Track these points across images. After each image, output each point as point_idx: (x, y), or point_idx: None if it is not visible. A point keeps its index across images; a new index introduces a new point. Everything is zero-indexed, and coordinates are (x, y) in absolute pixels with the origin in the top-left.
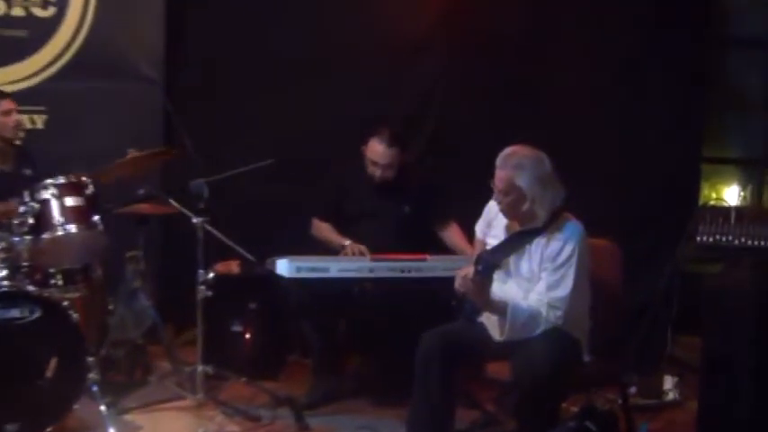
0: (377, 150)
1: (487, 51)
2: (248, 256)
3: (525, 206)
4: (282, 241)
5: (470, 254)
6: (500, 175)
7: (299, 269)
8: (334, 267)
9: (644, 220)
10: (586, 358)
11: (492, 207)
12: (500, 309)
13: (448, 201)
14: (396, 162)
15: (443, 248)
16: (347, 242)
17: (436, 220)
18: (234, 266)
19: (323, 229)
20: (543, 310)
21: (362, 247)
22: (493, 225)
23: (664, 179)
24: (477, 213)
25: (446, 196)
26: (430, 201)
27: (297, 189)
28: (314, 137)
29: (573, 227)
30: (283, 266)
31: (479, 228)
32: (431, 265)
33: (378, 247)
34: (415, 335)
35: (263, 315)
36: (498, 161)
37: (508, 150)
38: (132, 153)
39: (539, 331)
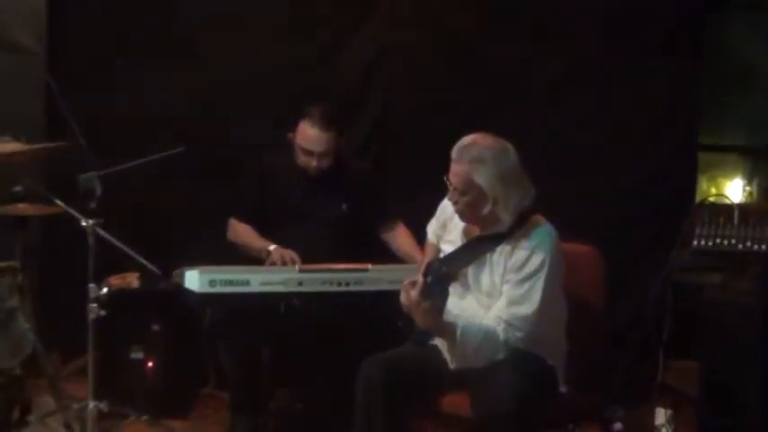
0: (309, 136)
1: (444, 20)
2: (150, 266)
3: (486, 208)
4: (193, 248)
5: (422, 261)
6: (456, 170)
7: (212, 282)
8: (255, 280)
9: (630, 222)
10: (562, 389)
11: (447, 206)
12: (449, 332)
13: (393, 196)
14: (332, 149)
15: (389, 255)
16: (272, 246)
17: (379, 219)
18: (132, 280)
19: (242, 232)
20: (500, 332)
21: (292, 253)
22: (448, 228)
23: (652, 172)
24: (430, 213)
25: (391, 191)
26: (371, 197)
27: (211, 184)
28: (232, 120)
29: (543, 232)
30: (193, 279)
31: (432, 229)
32: (374, 277)
33: (310, 255)
34: (355, 362)
35: (169, 339)
36: (454, 153)
37: (466, 140)
38: (5, 141)
39: (499, 357)
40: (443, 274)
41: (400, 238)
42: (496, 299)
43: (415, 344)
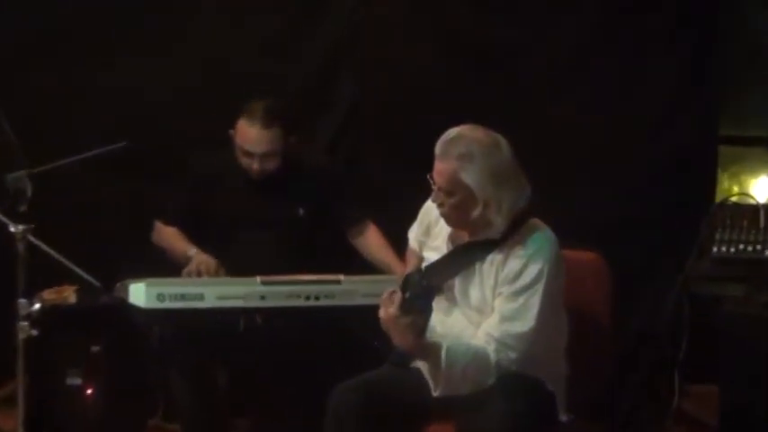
0: (248, 135)
1: None
2: (90, 278)
3: (475, 211)
4: (139, 258)
5: (400, 269)
6: (440, 168)
7: (160, 297)
8: (210, 294)
9: (639, 225)
10: (563, 418)
11: (431, 209)
12: (433, 353)
13: (368, 198)
14: (277, 149)
15: (364, 265)
16: (192, 251)
17: (344, 222)
18: (69, 294)
19: (167, 236)
20: (491, 352)
21: (210, 261)
22: (432, 234)
23: (667, 168)
24: (412, 217)
25: (366, 192)
26: (333, 196)
27: (159, 185)
28: (181, 112)
29: (541, 238)
30: (139, 293)
31: (413, 235)
32: (347, 289)
33: (265, 268)
34: (325, 388)
35: (112, 362)
36: (438, 148)
37: (452, 133)
38: None
39: (490, 381)
40: (426, 286)
41: (371, 241)
42: (487, 315)
43: (393, 367)
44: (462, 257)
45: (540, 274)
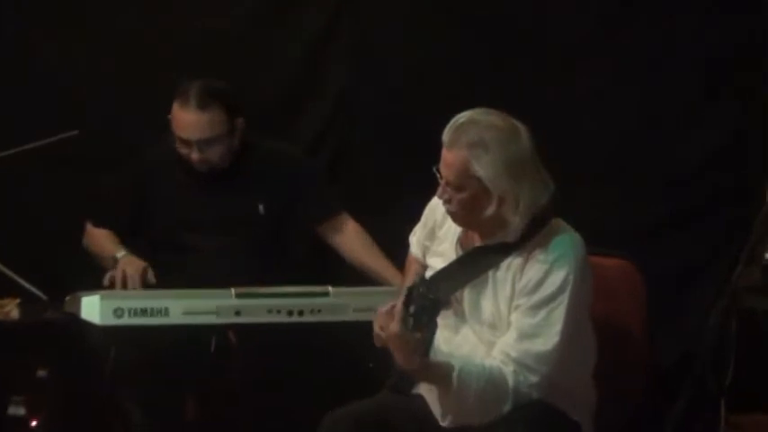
0: (182, 120)
1: None
2: (34, 290)
3: (489, 209)
4: (92, 265)
5: (392, 275)
6: (448, 159)
7: (118, 312)
8: (176, 308)
9: (677, 226)
10: None
11: (436, 207)
12: (443, 375)
13: (361, 196)
14: (219, 135)
15: (348, 273)
16: (120, 253)
17: (314, 215)
18: (10, 308)
19: (97, 239)
20: (509, 374)
21: (138, 265)
22: (438, 236)
23: (708, 157)
24: (413, 218)
25: (358, 189)
26: (300, 187)
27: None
28: (142, 100)
29: (565, 241)
30: (93, 307)
31: (416, 239)
32: (336, 303)
33: (221, 278)
34: (312, 418)
35: (60, 389)
36: (445, 135)
37: (462, 118)
38: None
39: (505, 409)
40: (431, 299)
41: (351, 241)
42: (502, 332)
43: (392, 393)
44: (473, 264)
45: (565, 283)
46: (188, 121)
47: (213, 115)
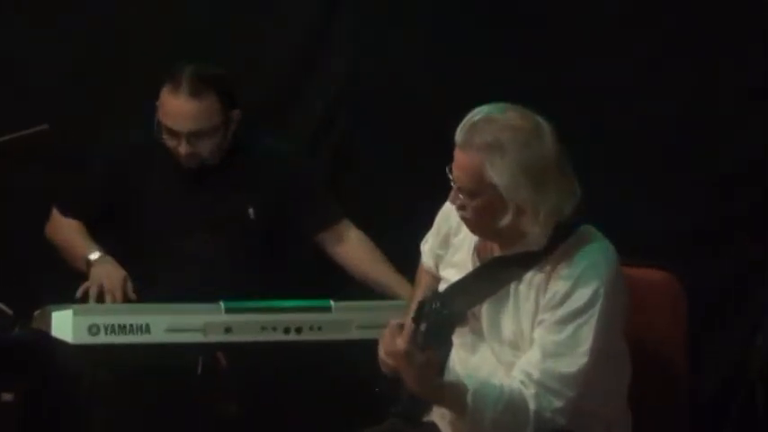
0: (171, 108)
1: None
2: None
3: (504, 218)
4: (64, 276)
5: (402, 288)
6: (461, 161)
7: (93, 329)
8: (158, 324)
9: (722, 234)
10: None
11: (450, 213)
12: (457, 398)
13: (366, 200)
14: (213, 126)
15: (359, 287)
16: (95, 254)
17: (312, 222)
18: None
19: (64, 229)
20: (530, 398)
21: (117, 274)
22: (452, 245)
23: (758, 165)
24: (424, 226)
25: (362, 194)
26: (296, 190)
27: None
28: (119, 92)
29: (595, 250)
30: (65, 324)
31: (428, 247)
32: (338, 318)
33: (204, 289)
34: None
35: (28, 415)
36: (458, 134)
37: (477, 115)
38: None
39: None
40: (445, 315)
41: (356, 250)
42: (524, 352)
43: (400, 420)
44: (492, 276)
45: (595, 296)
46: (178, 109)
47: (207, 104)
